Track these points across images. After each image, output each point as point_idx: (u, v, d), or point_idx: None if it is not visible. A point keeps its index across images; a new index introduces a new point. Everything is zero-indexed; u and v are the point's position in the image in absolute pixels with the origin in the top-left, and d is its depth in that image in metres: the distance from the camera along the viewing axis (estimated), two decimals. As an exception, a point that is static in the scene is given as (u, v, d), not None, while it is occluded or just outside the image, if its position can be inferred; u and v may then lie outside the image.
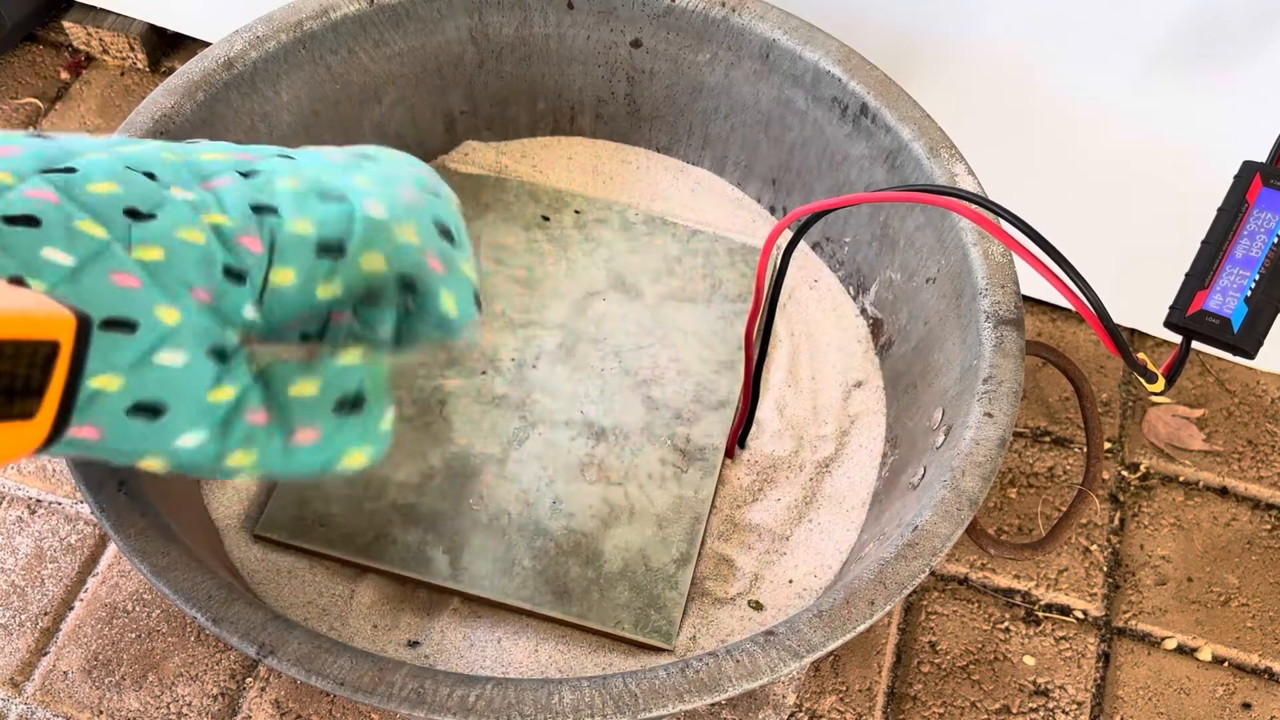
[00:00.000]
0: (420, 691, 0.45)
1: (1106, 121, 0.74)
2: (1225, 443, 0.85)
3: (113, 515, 0.49)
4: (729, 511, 0.67)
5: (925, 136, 0.64)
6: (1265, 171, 0.47)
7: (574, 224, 0.77)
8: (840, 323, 0.75)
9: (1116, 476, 0.84)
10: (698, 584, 0.64)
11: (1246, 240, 0.46)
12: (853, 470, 0.68)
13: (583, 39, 0.74)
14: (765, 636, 0.47)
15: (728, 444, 0.68)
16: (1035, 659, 0.75)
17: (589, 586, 0.62)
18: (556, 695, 0.45)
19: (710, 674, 0.46)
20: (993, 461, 0.53)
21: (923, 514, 0.52)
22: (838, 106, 0.68)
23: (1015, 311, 0.58)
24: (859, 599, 0.49)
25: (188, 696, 0.70)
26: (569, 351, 0.71)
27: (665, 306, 0.74)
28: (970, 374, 0.57)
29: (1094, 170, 0.77)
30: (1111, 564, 0.80)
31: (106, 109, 1.00)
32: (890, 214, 0.69)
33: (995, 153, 0.74)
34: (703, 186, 0.81)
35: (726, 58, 0.72)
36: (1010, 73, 0.73)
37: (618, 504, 0.65)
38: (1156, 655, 0.76)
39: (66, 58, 1.03)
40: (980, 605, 0.77)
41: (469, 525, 0.64)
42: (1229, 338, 0.45)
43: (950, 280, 0.63)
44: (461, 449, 0.67)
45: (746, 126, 0.76)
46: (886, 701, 0.73)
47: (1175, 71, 0.69)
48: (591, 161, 0.82)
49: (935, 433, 0.59)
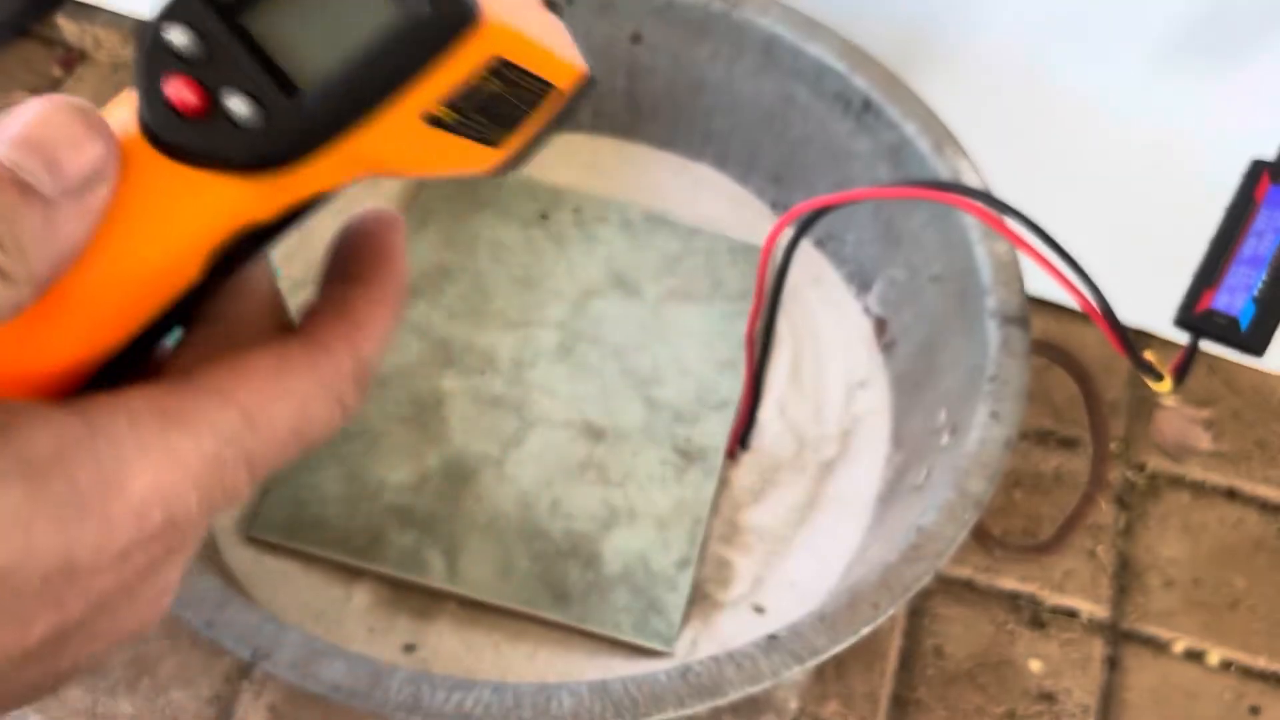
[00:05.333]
0: (417, 696, 0.44)
1: (1113, 118, 0.73)
2: (1233, 444, 0.84)
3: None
4: (730, 513, 0.66)
5: (929, 132, 0.64)
6: (1274, 170, 0.47)
7: (573, 222, 0.76)
8: (843, 321, 0.74)
9: (1123, 478, 0.83)
10: (698, 587, 0.63)
11: (1254, 239, 0.46)
12: (856, 471, 0.68)
13: (581, 33, 0.73)
14: (767, 640, 0.47)
15: (729, 445, 0.67)
16: (1041, 662, 0.75)
17: (588, 589, 0.61)
18: (555, 700, 0.44)
19: (711, 678, 0.45)
20: (998, 462, 0.52)
21: (927, 516, 0.51)
22: (840, 102, 0.68)
23: (1021, 310, 0.57)
24: (863, 602, 0.48)
25: (181, 700, 0.70)
26: (568, 351, 0.70)
27: (665, 305, 0.73)
28: (975, 374, 0.57)
29: (1101, 167, 0.76)
30: (1118, 566, 0.79)
31: (99, 105, 0.99)
32: (894, 211, 0.68)
33: (1000, 149, 0.73)
34: (703, 183, 0.80)
35: (728, 53, 0.71)
36: (1016, 68, 0.72)
37: (617, 505, 0.65)
38: (1164, 659, 0.76)
39: (59, 53, 1.03)
40: (985, 608, 0.77)
41: (466, 527, 0.63)
42: (1237, 337, 0.45)
43: (955, 278, 0.62)
44: (458, 450, 0.66)
45: (748, 122, 0.75)
46: (891, 706, 0.73)
47: (1183, 68, 0.68)
48: (590, 158, 0.81)
49: (940, 433, 0.59)
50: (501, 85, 0.22)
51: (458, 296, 0.72)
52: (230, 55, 0.19)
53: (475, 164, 0.24)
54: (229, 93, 0.19)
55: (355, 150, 0.20)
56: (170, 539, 0.18)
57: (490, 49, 0.20)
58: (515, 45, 0.21)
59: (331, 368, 0.20)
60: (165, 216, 0.19)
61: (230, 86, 0.19)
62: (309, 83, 0.19)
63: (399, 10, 0.19)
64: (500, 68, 0.21)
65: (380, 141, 0.20)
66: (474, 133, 0.23)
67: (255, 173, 0.20)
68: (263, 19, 0.19)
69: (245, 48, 0.19)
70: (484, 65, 0.20)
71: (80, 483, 0.16)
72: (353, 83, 0.19)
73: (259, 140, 0.19)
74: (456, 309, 0.72)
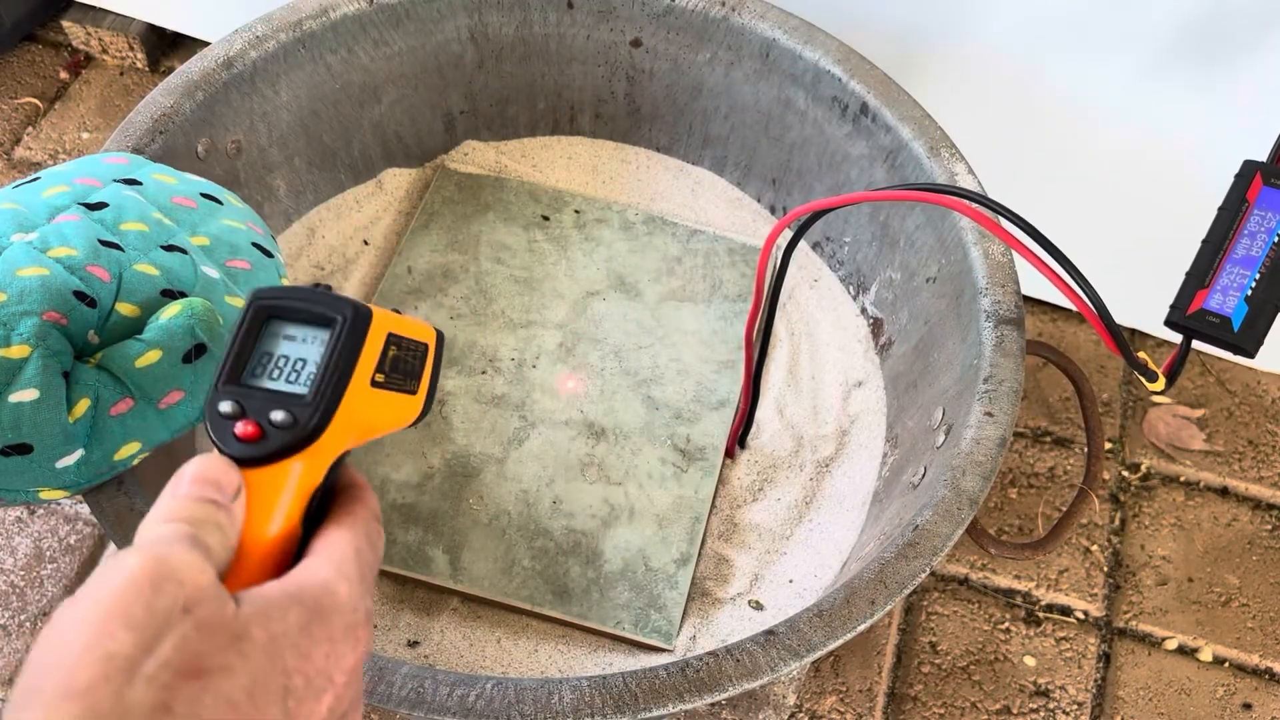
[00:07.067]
0: (420, 691, 0.45)
1: (1107, 120, 0.74)
2: (1226, 443, 0.85)
3: (112, 515, 0.49)
4: (729, 511, 0.67)
5: (925, 136, 0.64)
6: (1266, 170, 0.47)
7: (574, 224, 0.77)
8: (840, 322, 0.74)
9: (1117, 477, 0.84)
10: (698, 584, 0.64)
11: (1247, 239, 0.46)
12: (853, 470, 0.68)
13: (582, 38, 0.74)
14: (765, 636, 0.47)
15: (728, 444, 0.68)
16: (1036, 659, 0.75)
17: (589, 586, 0.62)
18: (556, 695, 0.45)
19: (710, 673, 0.46)
20: (993, 461, 0.53)
21: (923, 514, 0.51)
22: (838, 106, 0.68)
23: (1016, 311, 0.58)
24: (859, 598, 0.48)
25: (187, 697, 0.70)
26: (569, 351, 0.71)
27: (665, 306, 0.74)
28: (971, 373, 0.57)
29: (1094, 169, 0.77)
30: (1112, 564, 0.80)
31: (106, 108, 1.00)
32: (890, 213, 0.69)
33: (995, 152, 0.74)
34: (702, 186, 0.81)
35: (726, 57, 0.72)
36: (1011, 72, 0.73)
37: (618, 504, 0.65)
38: (1157, 656, 0.76)
39: (66, 57, 1.03)
40: (981, 605, 0.77)
41: (469, 525, 0.64)
42: (1229, 337, 0.45)
43: (951, 279, 0.63)
44: (461, 448, 0.66)
45: (746, 126, 0.76)
46: (887, 702, 0.73)
47: (1176, 70, 0.69)
48: (591, 161, 0.81)
49: (936, 432, 0.59)
50: (398, 350, 0.37)
51: (460, 297, 0.73)
52: (269, 400, 0.34)
53: (408, 413, 0.38)
54: (270, 415, 0.33)
55: (345, 418, 0.34)
56: (358, 628, 0.34)
57: (384, 328, 0.36)
58: (396, 325, 0.36)
59: (365, 515, 0.36)
60: (272, 497, 0.34)
61: (267, 412, 0.34)
62: (307, 389, 0.34)
63: (334, 327, 0.34)
64: (393, 338, 0.36)
65: (352, 406, 0.35)
66: (399, 385, 0.37)
67: (299, 452, 0.34)
68: (260, 378, 0.35)
69: (259, 390, 0.34)
70: (385, 338, 0.36)
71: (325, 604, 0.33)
72: (330, 374, 0.34)
73: (296, 431, 0.34)
74: (459, 310, 0.72)
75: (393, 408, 0.37)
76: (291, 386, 0.35)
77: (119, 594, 0.28)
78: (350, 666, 0.33)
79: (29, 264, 0.46)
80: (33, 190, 0.51)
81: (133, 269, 0.48)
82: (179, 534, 0.31)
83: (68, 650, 0.27)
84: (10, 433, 0.43)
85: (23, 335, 0.44)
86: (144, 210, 0.51)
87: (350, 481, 0.38)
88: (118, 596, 0.28)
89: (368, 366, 0.35)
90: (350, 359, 0.35)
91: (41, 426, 0.44)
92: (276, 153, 0.70)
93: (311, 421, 0.34)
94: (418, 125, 0.78)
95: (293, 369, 0.35)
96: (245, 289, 0.52)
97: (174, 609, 0.28)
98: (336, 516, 0.36)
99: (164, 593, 0.29)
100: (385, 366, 0.36)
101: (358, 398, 0.35)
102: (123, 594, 0.28)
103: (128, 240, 0.49)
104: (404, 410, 0.38)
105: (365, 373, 0.35)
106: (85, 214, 0.49)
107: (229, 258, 0.53)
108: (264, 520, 0.34)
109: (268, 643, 0.30)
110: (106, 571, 0.29)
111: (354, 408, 0.35)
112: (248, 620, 0.30)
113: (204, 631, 0.29)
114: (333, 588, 0.33)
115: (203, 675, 0.28)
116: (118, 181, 0.53)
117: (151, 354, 0.46)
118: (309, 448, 0.34)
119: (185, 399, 0.47)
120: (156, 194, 0.53)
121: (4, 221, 0.48)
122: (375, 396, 0.36)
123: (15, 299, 0.44)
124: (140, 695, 0.27)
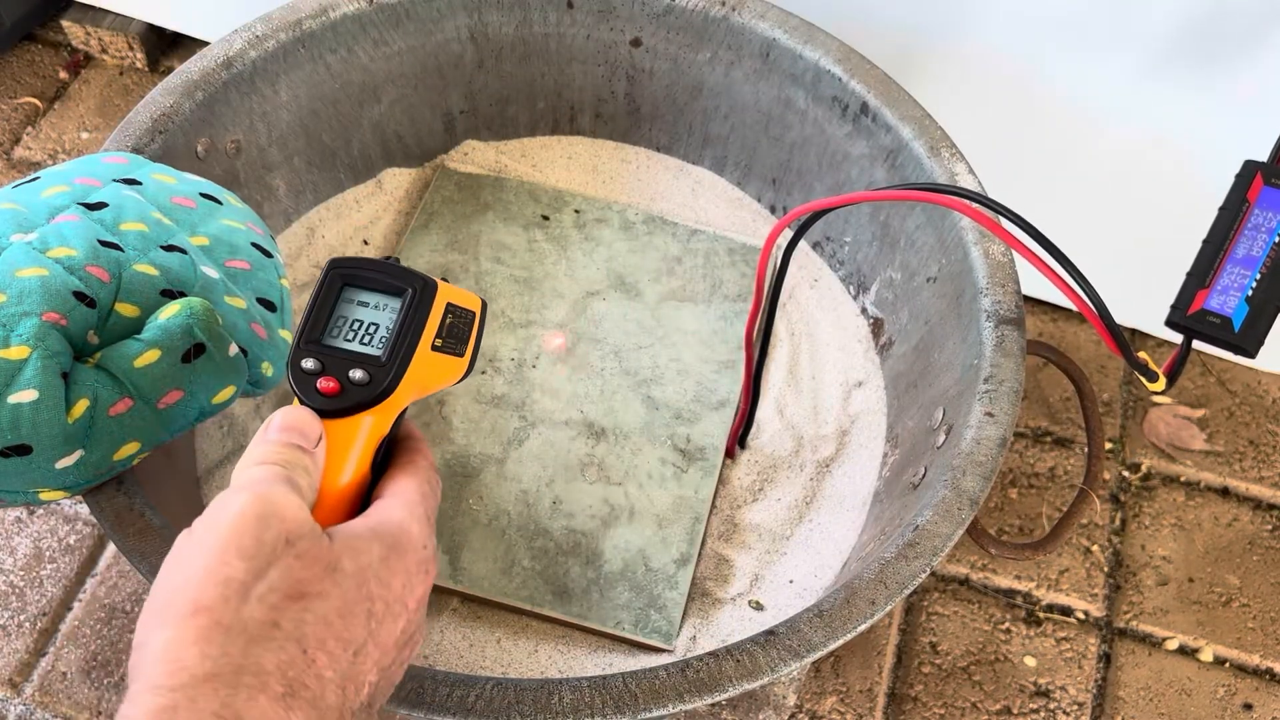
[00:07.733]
0: (419, 691, 0.45)
1: (1108, 120, 0.74)
2: (1226, 443, 0.85)
3: (111, 515, 0.49)
4: (729, 511, 0.67)
5: (926, 135, 0.64)
6: (1266, 170, 0.47)
7: (574, 223, 0.77)
8: (841, 322, 0.74)
9: (1117, 477, 0.84)
10: (698, 584, 0.64)
11: (1247, 239, 0.46)
12: (853, 470, 0.68)
13: (582, 38, 0.74)
14: (765, 636, 0.47)
15: (728, 444, 0.68)
16: (1036, 660, 0.75)
17: (589, 586, 0.62)
18: (556, 695, 0.45)
19: (710, 674, 0.46)
20: (994, 461, 0.53)
21: (923, 514, 0.51)
22: (838, 106, 0.68)
23: (1016, 311, 0.58)
24: (859, 599, 0.48)
25: (186, 697, 0.70)
26: (569, 351, 0.71)
27: (665, 306, 0.74)
28: (971, 373, 0.57)
29: (1095, 169, 0.77)
30: (1112, 564, 0.80)
31: (105, 108, 1.00)
32: (891, 213, 0.69)
33: (996, 152, 0.74)
34: (703, 186, 0.81)
35: (726, 57, 0.72)
36: (1011, 72, 0.73)
37: (618, 504, 0.65)
38: (1158, 656, 0.76)
39: (65, 57, 1.03)
40: (981, 606, 0.77)
41: (468, 525, 0.64)
42: (1230, 337, 0.45)
43: (951, 279, 0.63)
44: (461, 449, 0.66)
45: (746, 126, 0.76)
46: (887, 702, 0.73)
47: (1176, 70, 0.69)
48: (591, 161, 0.81)
49: (936, 432, 0.59)
50: (454, 318, 0.42)
51: (459, 297, 0.73)
52: (348, 359, 0.39)
53: (457, 372, 0.43)
54: (349, 373, 0.39)
55: (411, 377, 0.39)
56: (428, 563, 0.38)
57: (445, 298, 0.41)
58: (453, 295, 0.42)
59: (425, 464, 0.41)
60: (347, 445, 0.39)
61: (346, 371, 0.39)
62: (382, 350, 0.39)
63: (405, 297, 0.40)
64: (450, 307, 0.42)
65: (418, 368, 0.40)
66: (452, 349, 0.42)
67: (374, 407, 0.39)
68: (338, 339, 0.40)
69: (339, 350, 0.39)
70: (445, 307, 0.41)
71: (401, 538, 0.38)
72: (403, 339, 0.39)
73: (372, 388, 0.39)
74: (458, 310, 0.72)
75: (447, 368, 0.42)
76: (366, 348, 0.40)
77: (231, 527, 0.33)
78: (420, 595, 0.38)
79: (28, 264, 0.46)
80: (32, 190, 0.51)
81: (132, 269, 0.48)
82: (276, 475, 0.36)
83: (192, 574, 0.33)
84: (10, 434, 0.43)
85: (22, 336, 0.44)
86: (143, 210, 0.51)
87: (409, 434, 0.42)
88: (231, 529, 0.33)
89: (430, 333, 0.40)
90: (419, 326, 0.40)
91: (41, 427, 0.44)
92: (276, 152, 0.70)
93: (386, 380, 0.39)
94: (417, 125, 0.78)
95: (366, 332, 0.40)
96: (245, 289, 0.52)
97: (278, 541, 0.33)
98: (400, 464, 0.41)
99: (269, 527, 0.33)
100: (444, 333, 0.41)
101: (422, 360, 0.40)
102: (234, 527, 0.33)
103: (127, 240, 0.49)
104: (455, 370, 0.43)
105: (429, 338, 0.40)
106: (85, 214, 0.49)
107: (228, 258, 0.52)
108: (340, 466, 0.39)
109: (356, 572, 0.35)
110: (217, 509, 0.34)
111: (418, 369, 0.40)
112: (339, 553, 0.35)
113: (304, 561, 0.34)
114: (406, 526, 0.37)
115: (304, 598, 0.33)
116: (117, 181, 0.52)
117: (150, 354, 0.46)
118: (383, 403, 0.39)
119: (184, 399, 0.47)
120: (156, 194, 0.53)
121: (3, 222, 0.48)
122: (434, 358, 0.41)
123: (15, 300, 0.44)
124: (254, 612, 0.32)
